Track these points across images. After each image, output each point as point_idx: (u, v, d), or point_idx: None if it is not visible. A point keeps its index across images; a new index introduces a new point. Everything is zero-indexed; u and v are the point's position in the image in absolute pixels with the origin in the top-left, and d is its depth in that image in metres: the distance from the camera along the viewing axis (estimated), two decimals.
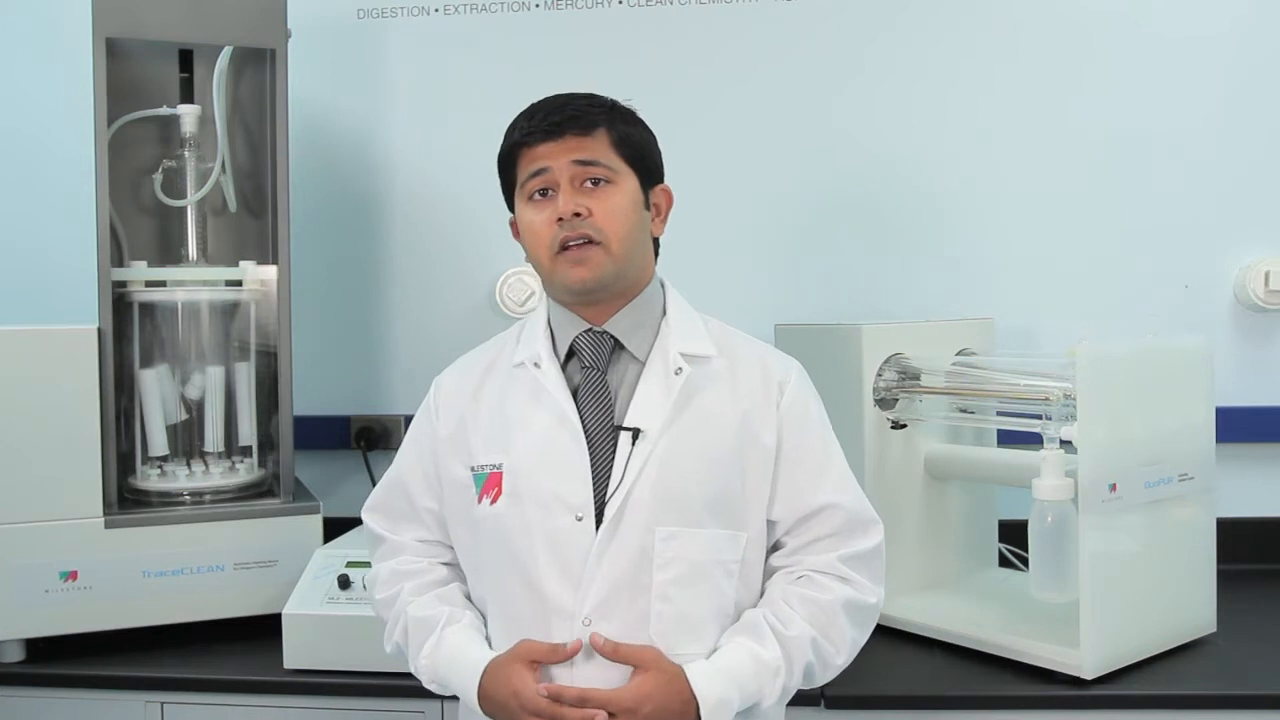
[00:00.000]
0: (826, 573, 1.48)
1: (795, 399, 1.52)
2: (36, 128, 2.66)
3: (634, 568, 1.43)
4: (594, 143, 1.48)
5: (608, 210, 1.46)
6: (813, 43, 2.53)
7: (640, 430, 1.45)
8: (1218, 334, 2.41)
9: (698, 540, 1.45)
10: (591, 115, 1.49)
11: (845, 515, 1.50)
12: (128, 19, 2.08)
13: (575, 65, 2.54)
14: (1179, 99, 2.44)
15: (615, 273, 1.48)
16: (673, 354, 1.50)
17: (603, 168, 1.47)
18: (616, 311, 1.52)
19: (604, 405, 1.49)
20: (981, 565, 2.29)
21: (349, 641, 1.92)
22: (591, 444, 1.47)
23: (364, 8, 2.62)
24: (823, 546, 1.50)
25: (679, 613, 1.44)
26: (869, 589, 1.50)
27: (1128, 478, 1.84)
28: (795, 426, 1.52)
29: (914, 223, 2.51)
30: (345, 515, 2.42)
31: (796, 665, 1.44)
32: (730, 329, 1.59)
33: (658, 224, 1.57)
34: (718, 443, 1.48)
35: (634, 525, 1.43)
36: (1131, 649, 1.88)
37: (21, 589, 1.99)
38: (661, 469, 1.45)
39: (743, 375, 1.52)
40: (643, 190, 1.52)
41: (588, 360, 1.51)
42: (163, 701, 1.97)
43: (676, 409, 1.47)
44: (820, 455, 1.53)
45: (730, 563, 1.48)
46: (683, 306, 1.58)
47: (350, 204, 2.65)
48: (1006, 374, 2.00)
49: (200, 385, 2.23)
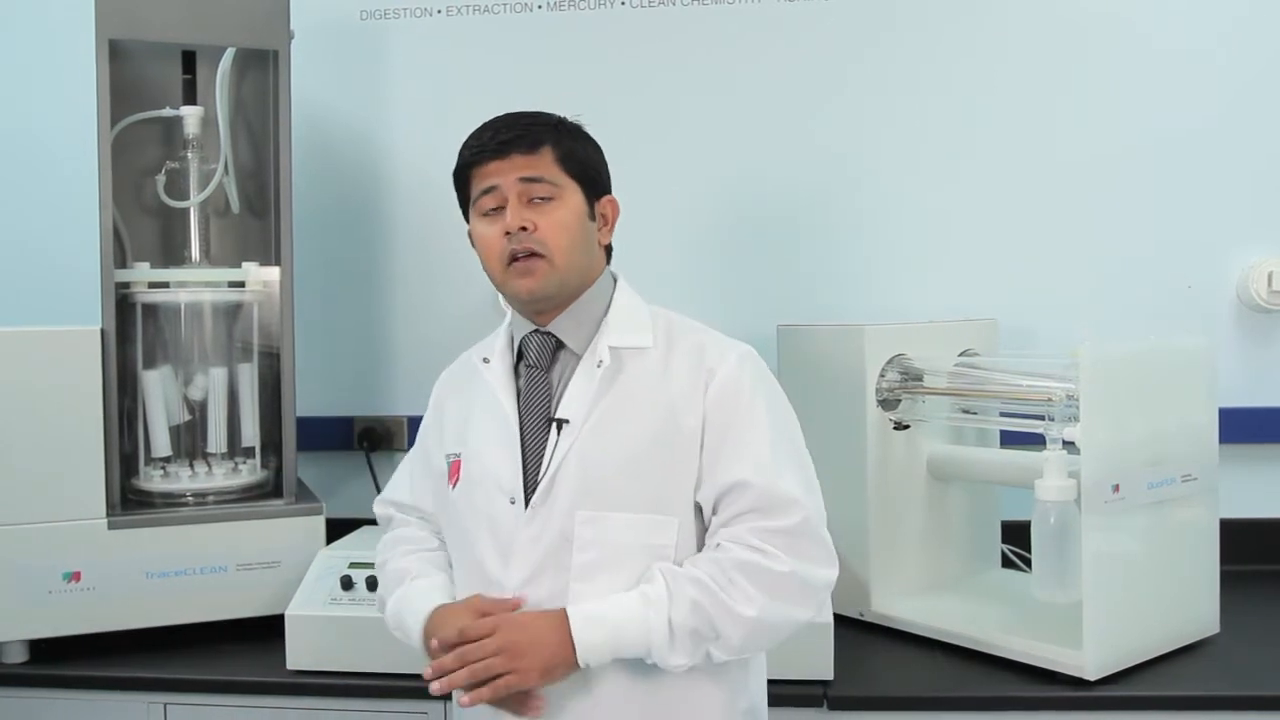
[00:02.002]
0: (735, 541, 1.48)
1: (725, 382, 1.53)
2: (40, 129, 2.66)
3: (555, 549, 1.51)
4: (539, 160, 1.56)
5: (551, 224, 1.54)
6: (814, 42, 2.53)
7: (566, 421, 1.53)
8: (1220, 335, 2.41)
9: (617, 524, 1.50)
10: (536, 133, 1.57)
11: (757, 493, 1.48)
12: (131, 20, 2.09)
13: (577, 66, 2.55)
14: (1181, 101, 2.44)
15: (559, 282, 1.56)
16: (601, 348, 1.56)
17: (547, 184, 1.55)
18: (561, 313, 1.60)
19: (543, 399, 1.58)
20: (984, 566, 2.29)
21: (352, 642, 1.92)
22: (528, 434, 1.57)
23: (366, 9, 2.63)
24: (739, 521, 1.49)
25: (598, 593, 1.49)
26: (779, 558, 1.46)
27: (1130, 478, 1.84)
28: (722, 409, 1.52)
29: (917, 223, 2.51)
30: (348, 516, 2.43)
31: (679, 601, 1.44)
32: (684, 322, 1.62)
33: (605, 232, 1.63)
34: (639, 430, 1.51)
35: (556, 509, 1.51)
36: (1134, 650, 1.88)
37: (25, 590, 2.00)
38: (583, 456, 1.51)
39: (675, 364, 1.55)
40: (588, 202, 1.59)
41: (531, 359, 1.60)
42: (165, 702, 1.97)
43: (597, 399, 1.53)
44: (742, 435, 1.52)
45: (661, 547, 1.50)
46: (628, 303, 1.62)
47: (353, 205, 2.65)
48: (1009, 375, 2.00)
49: (203, 386, 2.24)
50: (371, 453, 2.62)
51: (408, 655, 1.89)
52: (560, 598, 1.49)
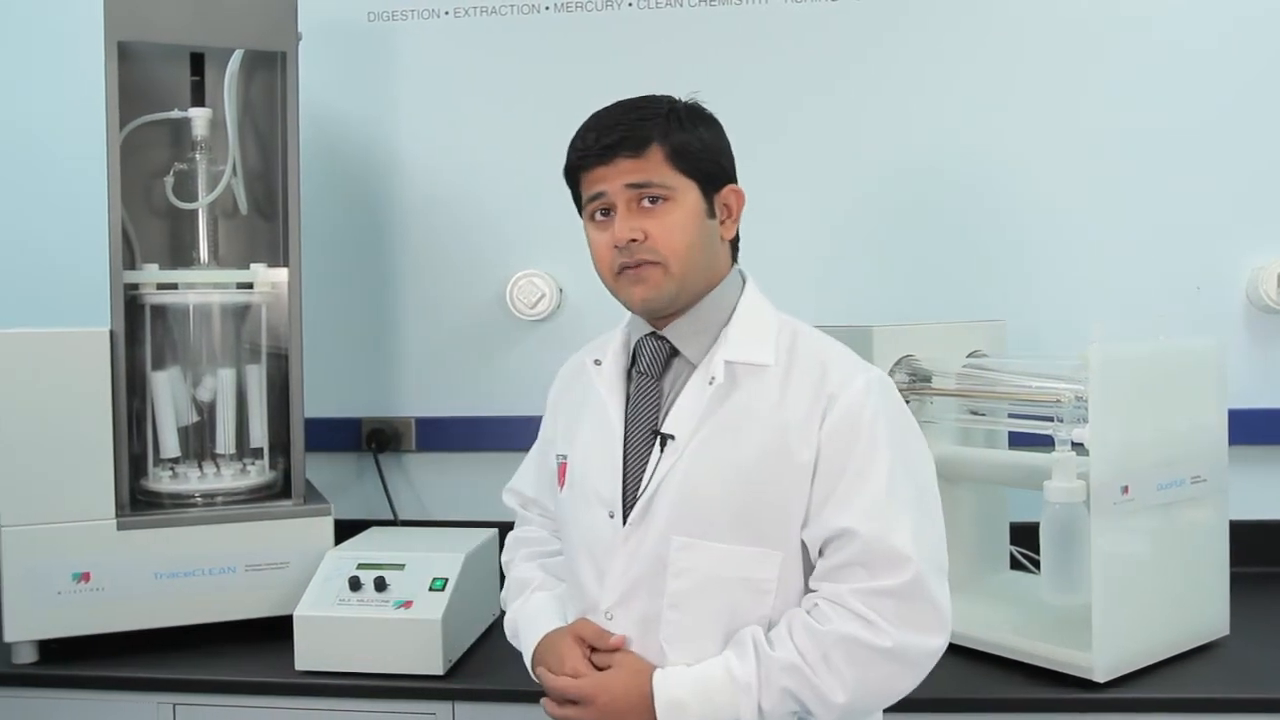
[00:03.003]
0: (837, 603, 1.38)
1: (845, 413, 1.41)
2: (48, 131, 2.67)
3: (651, 571, 1.44)
4: (647, 162, 1.44)
5: (665, 229, 1.44)
6: (825, 44, 2.53)
7: (672, 436, 1.45)
8: (1230, 336, 2.39)
9: (714, 554, 1.42)
10: (642, 132, 1.45)
11: (861, 545, 1.37)
12: (139, 22, 2.09)
13: (585, 67, 2.55)
14: (1190, 100, 2.43)
15: (676, 290, 1.46)
16: (716, 361, 1.46)
17: (657, 187, 1.44)
18: (679, 318, 1.51)
19: (650, 410, 1.50)
20: (993, 567, 2.29)
21: (360, 643, 1.92)
22: (632, 446, 1.49)
23: (374, 10, 2.63)
24: (842, 575, 1.39)
25: (691, 622, 1.43)
26: (884, 630, 1.36)
27: (1140, 480, 1.83)
28: (839, 443, 1.41)
29: (924, 225, 2.51)
30: (356, 517, 2.44)
31: (770, 688, 1.37)
32: (812, 337, 1.51)
33: (729, 226, 1.52)
34: (747, 456, 1.42)
35: (653, 530, 1.44)
36: (1143, 652, 1.87)
37: (34, 590, 2.00)
38: (685, 477, 1.43)
39: (794, 386, 1.44)
40: (705, 198, 1.48)
41: (643, 366, 1.52)
42: (175, 703, 1.97)
43: (705, 418, 1.44)
44: (856, 475, 1.40)
45: (762, 581, 1.42)
46: (754, 311, 1.52)
47: (361, 206, 2.65)
48: (1018, 376, 2.00)
49: (212, 387, 2.24)
50: (380, 454, 2.62)
51: (415, 656, 1.91)
52: (653, 622, 1.44)
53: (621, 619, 1.46)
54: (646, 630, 1.45)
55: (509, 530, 1.80)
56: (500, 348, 2.60)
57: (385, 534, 2.31)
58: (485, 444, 2.57)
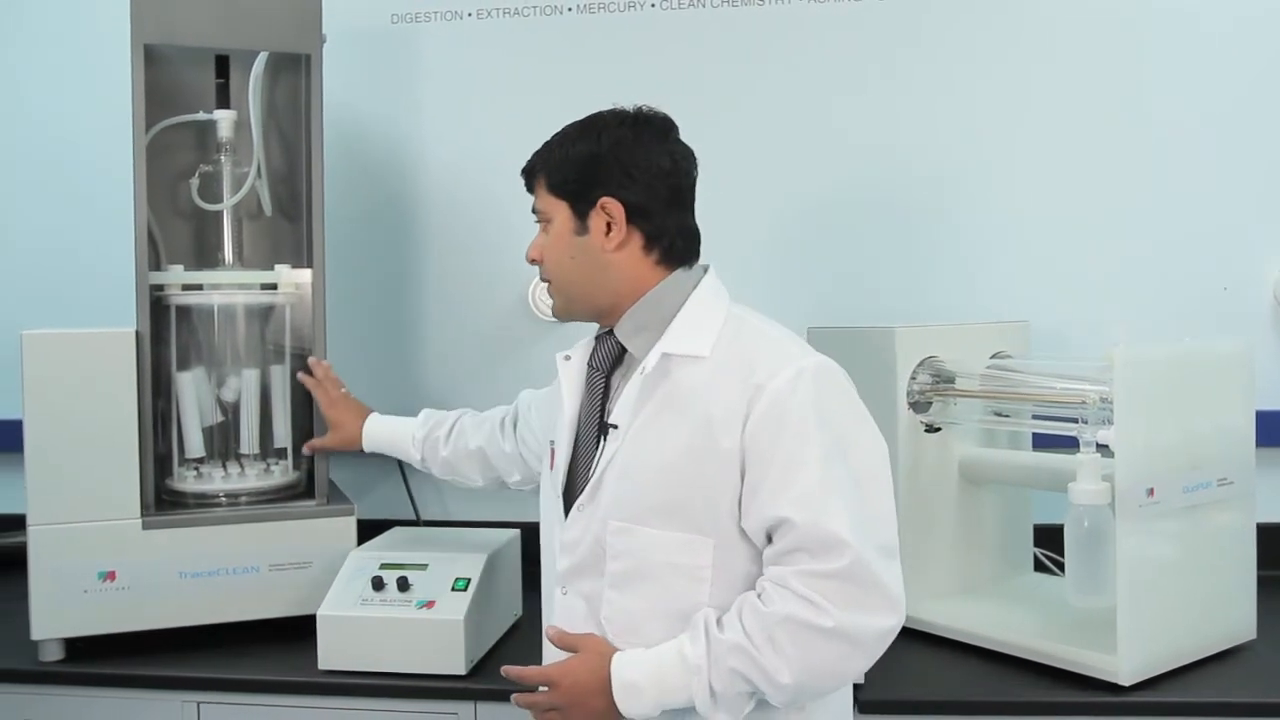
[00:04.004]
0: (781, 585, 1.40)
1: (771, 404, 1.43)
2: (75, 133, 2.69)
3: (592, 554, 1.53)
4: (539, 193, 1.61)
5: (546, 250, 1.61)
6: (841, 45, 2.52)
7: (614, 426, 1.53)
8: (1257, 336, 2.37)
9: (645, 539, 1.49)
10: (533, 163, 1.62)
11: (799, 533, 1.39)
12: (165, 26, 2.10)
13: (607, 67, 2.55)
14: (1215, 99, 2.41)
15: (564, 304, 1.62)
16: (653, 353, 1.52)
17: (540, 212, 1.62)
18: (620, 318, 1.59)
19: (597, 402, 1.60)
20: (1016, 570, 2.28)
21: (383, 643, 1.93)
22: (584, 436, 1.60)
23: (397, 12, 2.64)
24: (787, 560, 1.41)
25: (629, 603, 1.50)
26: (826, 611, 1.37)
27: (1166, 482, 1.82)
28: (766, 433, 1.43)
29: (948, 225, 2.50)
30: (379, 517, 2.44)
31: (719, 668, 1.40)
32: (757, 329, 1.53)
33: (614, 236, 1.55)
34: (672, 444, 1.48)
35: (595, 515, 1.53)
36: (1169, 655, 1.86)
37: (61, 589, 2.02)
38: (624, 465, 1.52)
39: (723, 377, 1.47)
40: (576, 215, 1.57)
41: (595, 361, 1.62)
42: (199, 701, 1.99)
43: (639, 407, 1.52)
44: (785, 465, 1.42)
45: (695, 568, 1.47)
46: (701, 307, 1.55)
47: (384, 207, 2.66)
48: (1042, 377, 1.99)
49: (236, 388, 2.25)
50: None
51: (438, 656, 1.91)
52: (595, 602, 1.53)
53: (573, 595, 1.56)
54: (592, 607, 1.54)
55: (531, 531, 1.81)
56: (522, 348, 2.61)
57: (408, 534, 2.31)
58: None
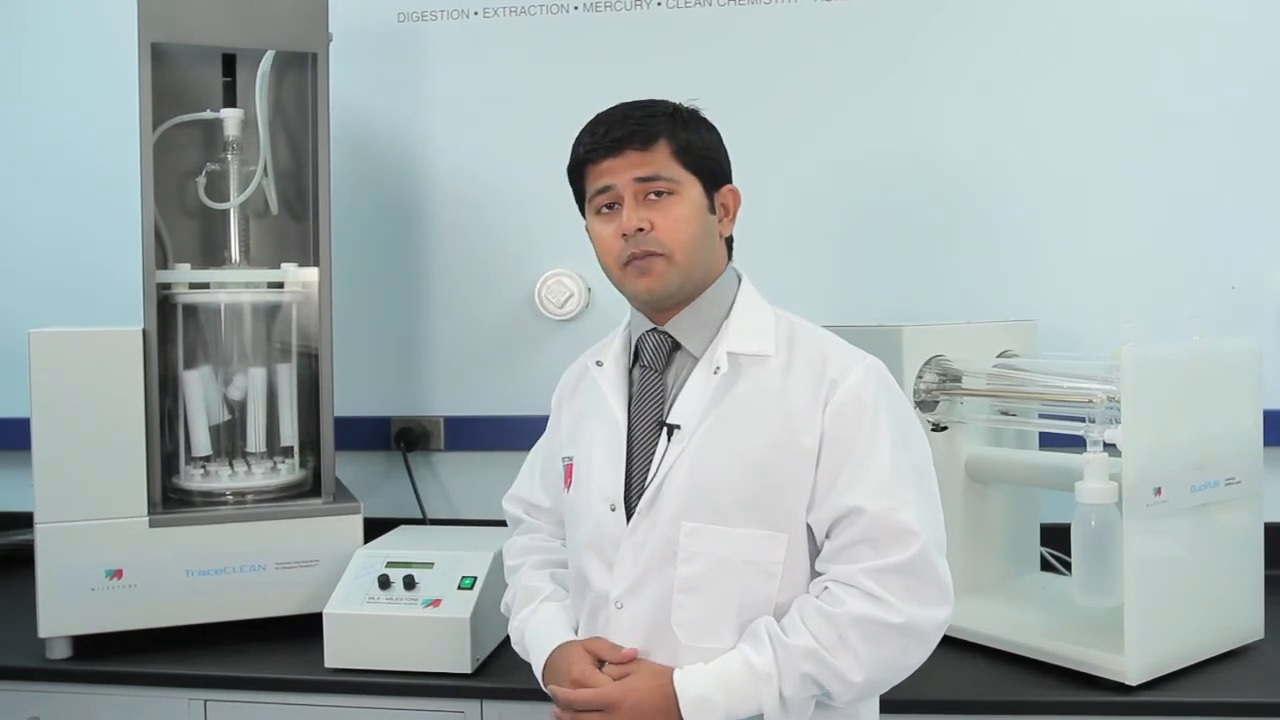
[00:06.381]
0: (848, 584, 1.43)
1: (848, 397, 1.47)
2: (82, 132, 2.70)
3: (660, 559, 1.48)
4: (654, 156, 1.50)
5: (670, 222, 1.49)
6: (854, 44, 2.51)
7: (678, 426, 1.49)
8: (1265, 335, 2.36)
9: (724, 538, 1.46)
10: (651, 128, 1.50)
11: (869, 521, 1.42)
12: (172, 24, 2.11)
13: (614, 67, 2.55)
14: (1223, 98, 2.41)
15: (680, 281, 1.52)
16: (720, 353, 1.51)
17: (664, 180, 1.50)
18: (680, 312, 1.55)
19: (655, 403, 1.54)
20: (1023, 569, 2.27)
21: (389, 641, 1.93)
22: (637, 439, 1.54)
23: (404, 11, 2.64)
24: (850, 555, 1.44)
25: (701, 606, 1.46)
26: (895, 607, 1.41)
27: (1173, 481, 1.82)
28: (843, 427, 1.46)
29: (955, 224, 2.49)
30: (386, 515, 2.45)
31: (790, 675, 1.40)
32: (809, 328, 1.57)
33: (726, 224, 1.58)
34: (753, 442, 1.47)
35: (662, 518, 1.48)
36: (1177, 655, 1.85)
37: (68, 587, 2.02)
38: (693, 465, 1.48)
39: (796, 374, 1.49)
40: (707, 195, 1.54)
41: (646, 360, 1.57)
42: (206, 699, 1.99)
43: (712, 407, 1.49)
44: (861, 457, 1.45)
45: (769, 564, 1.46)
46: (752, 306, 1.57)
47: (391, 206, 2.66)
48: (1049, 376, 1.98)
49: (242, 386, 2.26)
50: (408, 452, 2.63)
51: (444, 654, 1.91)
52: (663, 608, 1.47)
53: (632, 607, 1.50)
54: (658, 616, 1.48)
55: None
56: (529, 347, 2.61)
57: (414, 533, 2.31)
58: (514, 443, 2.55)
